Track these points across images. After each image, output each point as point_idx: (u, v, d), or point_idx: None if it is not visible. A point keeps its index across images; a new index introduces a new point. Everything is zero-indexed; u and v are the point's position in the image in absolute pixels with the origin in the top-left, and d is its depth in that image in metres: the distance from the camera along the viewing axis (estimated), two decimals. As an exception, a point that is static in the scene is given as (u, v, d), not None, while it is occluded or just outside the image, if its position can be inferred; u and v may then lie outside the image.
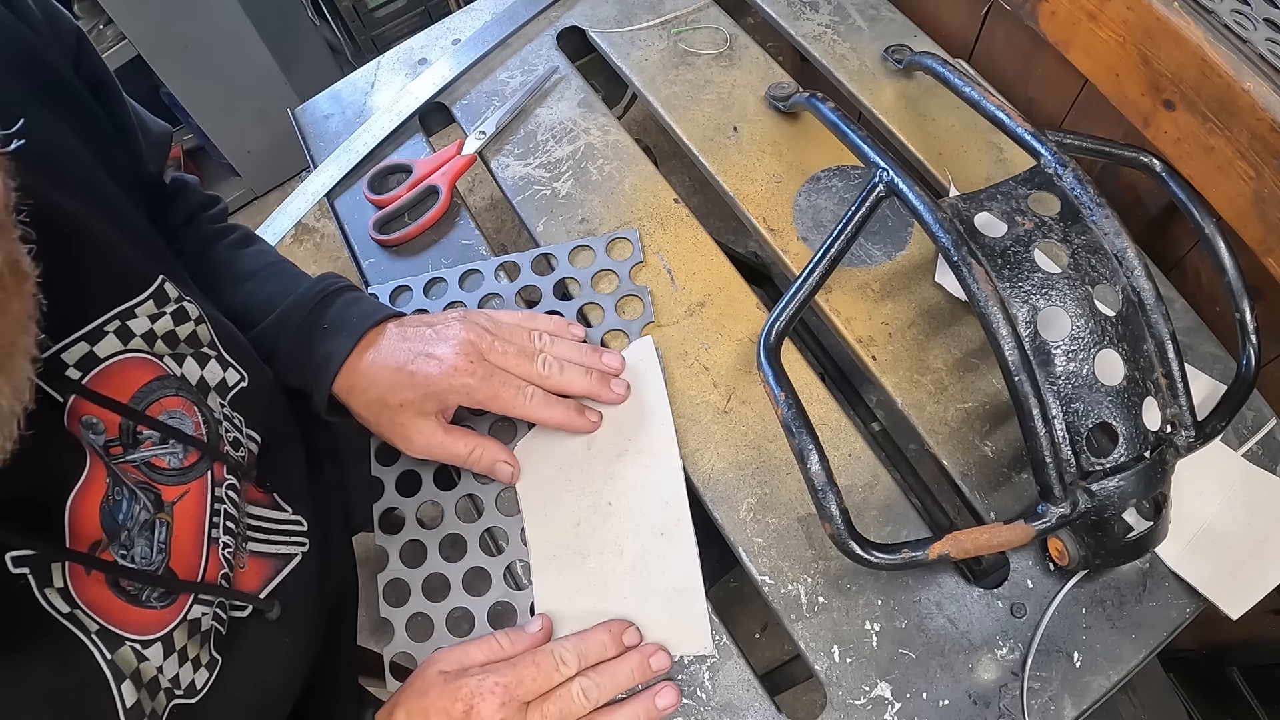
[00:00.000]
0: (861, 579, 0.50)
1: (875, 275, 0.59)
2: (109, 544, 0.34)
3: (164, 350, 0.40)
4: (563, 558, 0.51)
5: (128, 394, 0.37)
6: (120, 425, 0.37)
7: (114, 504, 0.34)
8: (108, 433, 0.36)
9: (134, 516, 0.35)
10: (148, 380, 0.39)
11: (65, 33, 0.42)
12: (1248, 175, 0.50)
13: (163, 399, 0.39)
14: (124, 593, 0.34)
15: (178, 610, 0.36)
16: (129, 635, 0.34)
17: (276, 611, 0.44)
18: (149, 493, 0.37)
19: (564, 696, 0.45)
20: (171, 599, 0.36)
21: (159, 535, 0.37)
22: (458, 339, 0.50)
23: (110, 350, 0.37)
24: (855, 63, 0.67)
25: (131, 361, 0.38)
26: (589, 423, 0.53)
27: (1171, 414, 0.46)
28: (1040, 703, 0.47)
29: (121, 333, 0.38)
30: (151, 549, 0.36)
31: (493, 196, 1.48)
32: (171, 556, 0.37)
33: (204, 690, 0.37)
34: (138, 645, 0.34)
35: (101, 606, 0.33)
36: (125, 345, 0.38)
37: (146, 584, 0.35)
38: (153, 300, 0.40)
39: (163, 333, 0.40)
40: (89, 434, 0.35)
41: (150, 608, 0.35)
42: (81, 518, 0.33)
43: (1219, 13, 0.50)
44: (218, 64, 1.31)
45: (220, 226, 0.57)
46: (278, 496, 0.49)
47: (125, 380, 0.37)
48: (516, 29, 0.73)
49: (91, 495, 0.34)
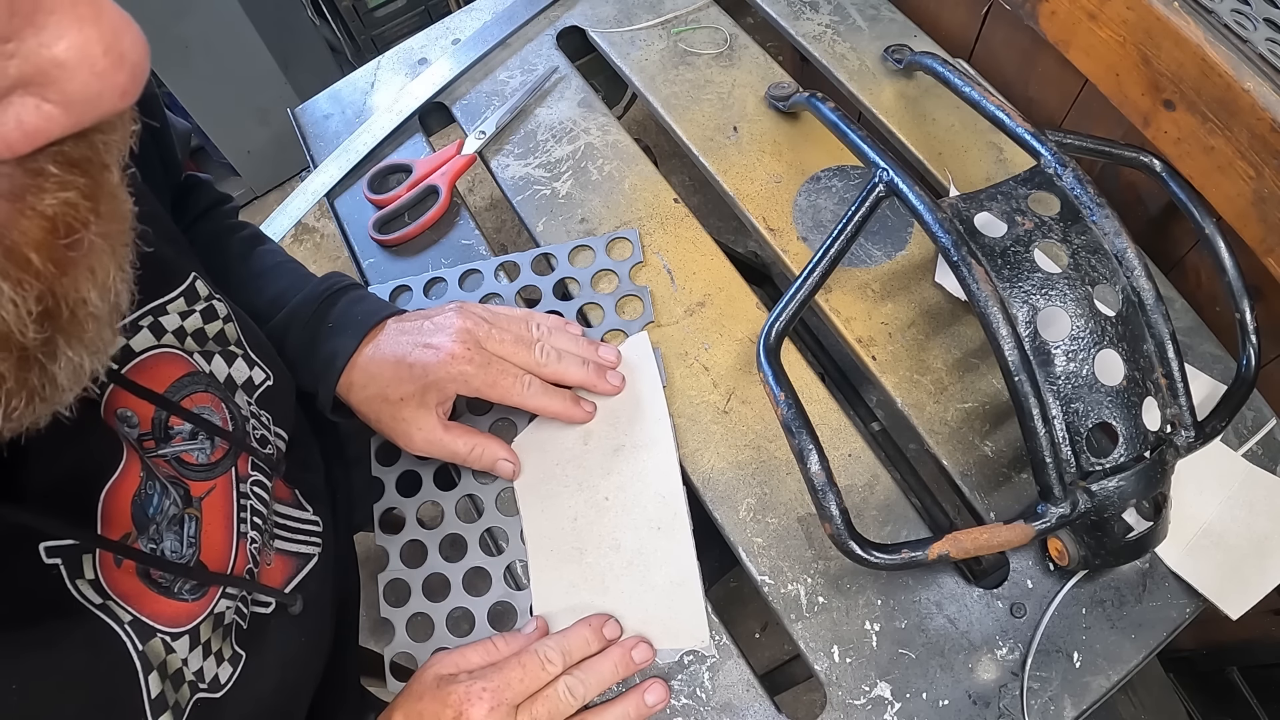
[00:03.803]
0: (861, 579, 0.50)
1: (875, 275, 0.59)
2: (138, 537, 0.34)
3: (194, 347, 0.41)
4: (560, 553, 0.51)
5: (162, 388, 0.38)
6: (153, 419, 0.37)
7: (146, 498, 0.35)
8: (140, 426, 0.37)
9: (164, 511, 0.36)
10: (180, 375, 0.39)
11: None
12: (1248, 175, 0.50)
13: (194, 394, 0.40)
14: (156, 584, 0.34)
15: (207, 603, 0.37)
16: (160, 627, 0.34)
17: (299, 606, 0.45)
18: (179, 487, 0.37)
19: (551, 697, 0.45)
20: (202, 591, 0.36)
21: (188, 529, 0.37)
22: (455, 328, 0.50)
23: (144, 345, 0.37)
24: (855, 63, 0.67)
25: (164, 357, 0.38)
26: (584, 413, 0.53)
27: (1171, 414, 0.46)
28: (1040, 703, 0.47)
29: (154, 328, 0.38)
30: (182, 543, 0.37)
31: (493, 196, 1.48)
32: (202, 550, 0.38)
33: (229, 685, 0.37)
34: (167, 637, 0.34)
35: (134, 597, 0.33)
36: (158, 340, 0.38)
37: (179, 575, 0.35)
38: (184, 298, 0.40)
39: (192, 330, 0.41)
40: (124, 427, 0.36)
41: (182, 600, 0.35)
42: (114, 509, 0.33)
43: (1219, 13, 0.50)
44: (218, 64, 1.31)
45: (232, 223, 0.58)
46: (300, 495, 0.49)
47: (159, 374, 0.38)
48: (516, 29, 0.73)
49: (125, 488, 0.34)
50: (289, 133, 0.73)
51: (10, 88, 0.17)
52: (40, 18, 0.17)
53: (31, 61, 0.17)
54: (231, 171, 1.52)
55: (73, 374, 0.21)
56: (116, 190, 0.22)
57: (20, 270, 0.19)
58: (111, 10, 0.18)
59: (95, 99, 0.18)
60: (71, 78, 0.18)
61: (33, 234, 0.19)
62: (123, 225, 0.23)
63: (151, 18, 1.19)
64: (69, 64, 0.17)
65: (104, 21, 0.18)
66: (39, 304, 0.19)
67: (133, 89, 0.19)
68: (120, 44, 0.18)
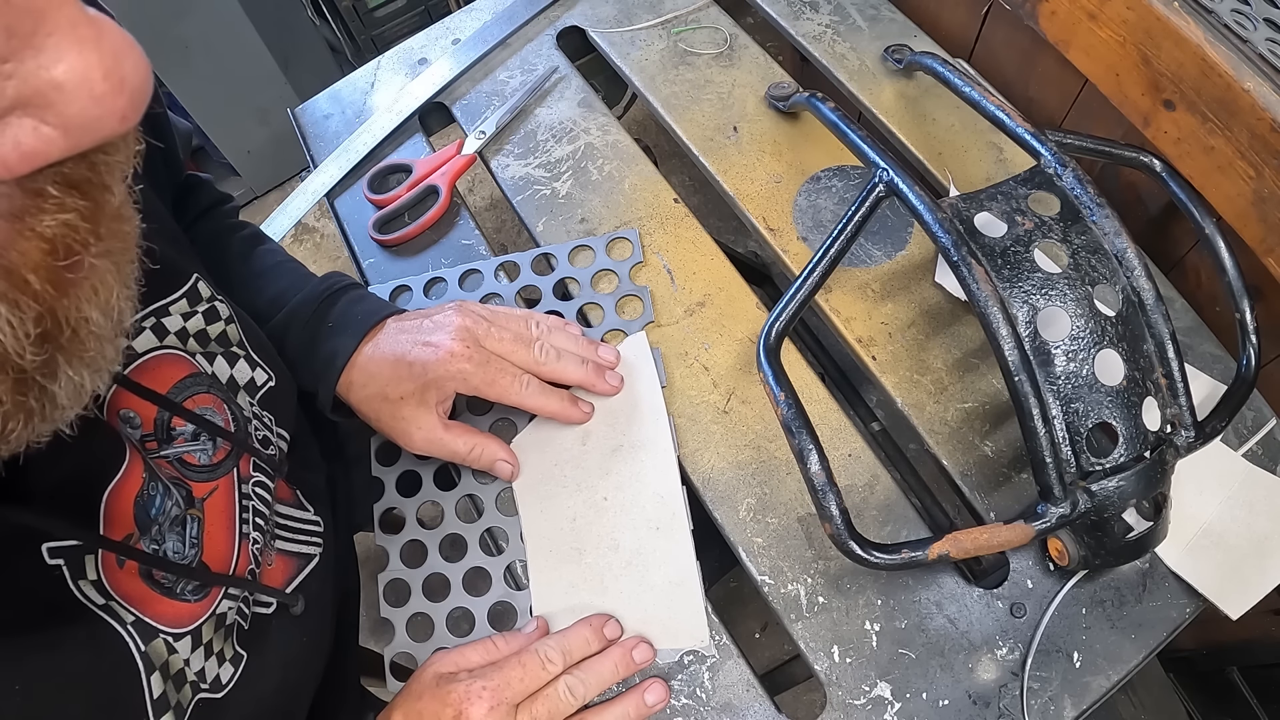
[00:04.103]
0: (861, 579, 0.50)
1: (875, 275, 0.59)
2: (140, 538, 0.34)
3: (196, 348, 0.41)
4: (559, 553, 0.51)
5: (164, 389, 0.38)
6: (155, 420, 0.37)
7: (148, 498, 0.35)
8: (143, 428, 0.37)
9: (166, 512, 0.36)
10: (182, 377, 0.39)
11: None
12: (1248, 175, 0.50)
13: (196, 395, 0.40)
14: (158, 585, 0.34)
15: (209, 604, 0.37)
16: (162, 627, 0.34)
17: (301, 606, 0.45)
18: (181, 488, 0.37)
19: (551, 696, 0.45)
20: (205, 592, 0.36)
21: (191, 530, 0.37)
22: (454, 326, 0.50)
23: (147, 346, 0.37)
24: (855, 62, 0.67)
25: (166, 358, 0.39)
26: (582, 414, 0.53)
27: (1171, 414, 0.46)
28: (1040, 703, 0.47)
29: (157, 329, 0.38)
30: (184, 544, 0.37)
31: (493, 196, 1.48)
32: (204, 551, 0.38)
33: (230, 685, 0.38)
34: (169, 638, 0.34)
35: (136, 598, 0.33)
36: (160, 342, 0.38)
37: (181, 576, 0.35)
38: (186, 299, 0.40)
39: (195, 331, 0.41)
40: (126, 428, 0.36)
41: (185, 600, 0.35)
42: (116, 510, 0.33)
43: (1219, 13, 0.50)
44: (218, 64, 1.31)
45: (233, 222, 0.58)
46: (301, 495, 0.49)
47: (161, 375, 0.38)
48: (516, 29, 0.73)
49: (128, 488, 0.34)
50: (289, 133, 0.73)
51: (8, 109, 0.17)
52: (39, 39, 0.17)
53: (30, 83, 0.17)
54: (231, 171, 1.52)
55: (73, 393, 0.21)
56: (120, 210, 0.21)
57: (18, 292, 0.18)
58: (113, 33, 0.18)
59: (94, 123, 0.18)
60: (70, 101, 0.17)
61: (31, 255, 0.19)
62: (127, 244, 0.22)
63: (151, 18, 1.19)
64: (68, 87, 0.17)
65: (105, 44, 0.18)
66: (37, 326, 0.19)
67: (133, 114, 0.19)
68: (121, 68, 0.18)
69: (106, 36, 0.18)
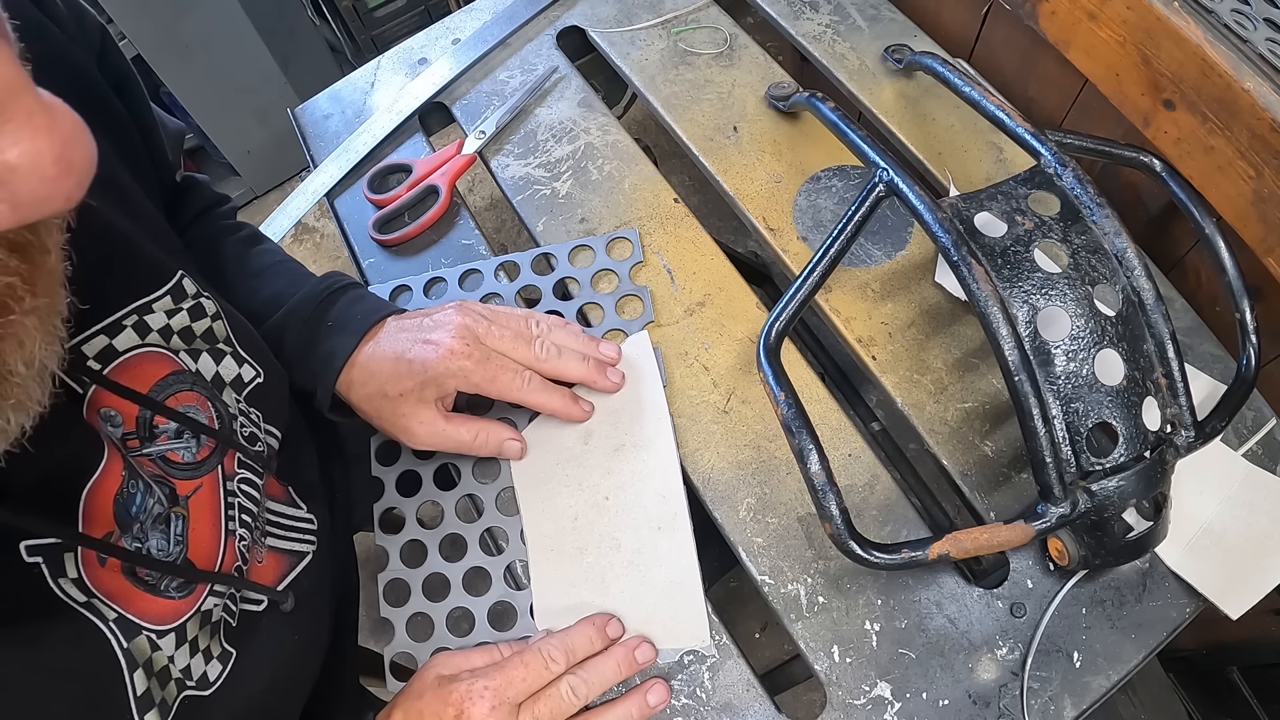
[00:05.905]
0: (861, 579, 0.50)
1: (875, 275, 0.59)
2: (121, 535, 0.34)
3: (180, 345, 0.40)
4: (560, 553, 0.51)
5: (145, 387, 0.38)
6: (137, 418, 0.37)
7: (128, 497, 0.35)
8: (125, 426, 0.37)
9: (147, 510, 0.36)
10: (164, 375, 0.39)
11: (90, 30, 0.42)
12: (1248, 175, 0.50)
13: (178, 393, 0.39)
14: (142, 582, 0.34)
15: (194, 600, 0.37)
16: (145, 624, 0.34)
17: (291, 603, 0.45)
18: (164, 486, 0.37)
19: (553, 696, 0.45)
20: (190, 589, 0.36)
21: (175, 528, 0.37)
22: (454, 324, 0.50)
23: (128, 344, 0.37)
24: (855, 62, 0.67)
25: (148, 356, 0.38)
26: (582, 412, 0.53)
27: (1171, 414, 0.46)
28: (1040, 703, 0.47)
29: (139, 327, 0.38)
30: (169, 541, 0.37)
31: (493, 196, 1.48)
32: (189, 548, 0.38)
33: (218, 683, 0.37)
34: (153, 635, 0.34)
35: (119, 595, 0.33)
36: (142, 339, 0.38)
37: (165, 572, 0.35)
38: (170, 296, 0.40)
39: (179, 328, 0.40)
40: (107, 426, 0.36)
41: (169, 597, 0.35)
42: (95, 508, 0.33)
43: (1219, 12, 0.50)
44: (218, 64, 1.31)
45: (230, 223, 0.58)
46: (293, 492, 0.49)
47: (142, 374, 0.38)
48: (516, 29, 0.73)
49: (106, 487, 0.34)
50: (289, 133, 0.73)
51: None
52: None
53: None
54: (231, 171, 1.52)
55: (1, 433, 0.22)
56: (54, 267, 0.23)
57: None
58: (65, 120, 0.20)
59: (42, 202, 0.19)
60: (22, 182, 0.19)
61: None
62: (54, 300, 0.24)
63: (152, 18, 1.19)
64: (21, 170, 0.18)
65: (56, 132, 0.19)
66: None
67: (77, 194, 0.20)
68: (70, 153, 0.19)
69: (59, 124, 0.19)
